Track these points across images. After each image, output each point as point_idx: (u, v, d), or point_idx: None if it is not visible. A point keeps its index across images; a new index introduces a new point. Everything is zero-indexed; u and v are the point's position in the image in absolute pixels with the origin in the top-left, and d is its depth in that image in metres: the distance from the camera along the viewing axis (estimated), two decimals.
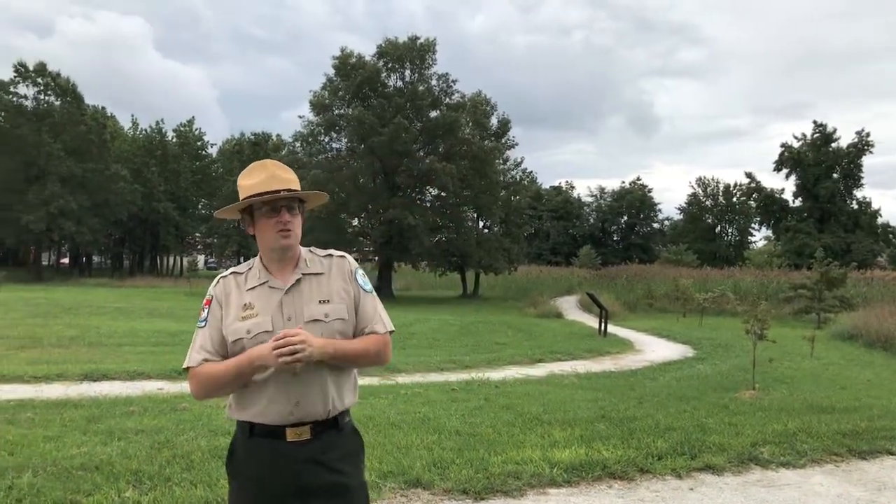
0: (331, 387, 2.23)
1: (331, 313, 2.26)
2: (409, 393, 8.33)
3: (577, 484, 5.14)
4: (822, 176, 55.06)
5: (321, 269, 2.32)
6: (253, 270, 2.31)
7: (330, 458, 2.22)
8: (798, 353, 13.80)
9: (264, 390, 2.18)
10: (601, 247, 66.27)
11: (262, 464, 2.17)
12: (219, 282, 2.33)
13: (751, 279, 35.65)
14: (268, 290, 2.25)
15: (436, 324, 19.02)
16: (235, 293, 2.27)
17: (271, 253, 2.28)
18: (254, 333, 2.18)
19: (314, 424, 2.20)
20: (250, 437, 2.20)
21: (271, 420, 2.18)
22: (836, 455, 6.18)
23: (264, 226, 2.25)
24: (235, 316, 2.22)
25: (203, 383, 2.20)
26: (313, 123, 39.29)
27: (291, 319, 2.21)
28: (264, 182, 2.24)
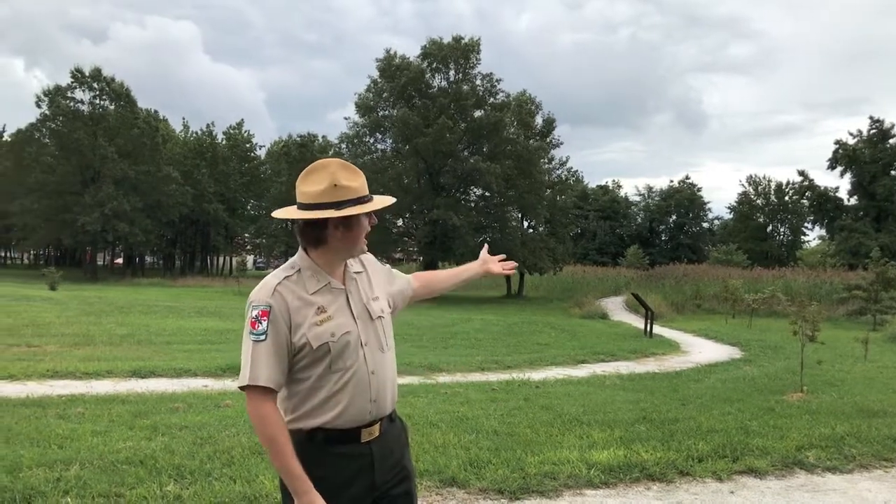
0: (393, 380, 2.30)
1: (385, 308, 2.34)
2: (449, 392, 8.35)
3: (615, 486, 5.10)
4: (879, 173, 53.35)
5: (360, 269, 2.34)
6: (306, 272, 2.19)
7: (394, 449, 2.27)
8: (851, 355, 13.42)
9: (343, 394, 2.14)
10: (649, 247, 65.41)
11: (339, 471, 2.13)
12: (275, 290, 2.13)
13: (803, 279, 34.79)
14: (331, 292, 2.19)
15: (478, 324, 19.01)
16: (300, 299, 2.14)
17: (343, 254, 2.23)
18: (338, 335, 2.13)
19: (382, 421, 2.23)
20: (323, 447, 2.12)
21: (350, 423, 2.14)
22: (885, 461, 6.00)
23: (362, 230, 2.22)
24: (311, 321, 2.12)
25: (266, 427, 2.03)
26: (358, 125, 39.71)
27: (360, 319, 2.21)
28: (363, 187, 2.19)
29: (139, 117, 50.60)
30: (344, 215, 2.13)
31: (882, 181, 52.98)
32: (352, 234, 2.18)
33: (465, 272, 2.80)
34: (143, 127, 49.84)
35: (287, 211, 2.22)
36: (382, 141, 40.94)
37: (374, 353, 2.21)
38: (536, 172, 38.39)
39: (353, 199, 2.14)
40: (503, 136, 37.61)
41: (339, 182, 2.14)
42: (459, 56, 38.55)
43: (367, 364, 2.18)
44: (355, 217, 2.16)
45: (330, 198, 2.12)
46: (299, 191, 2.18)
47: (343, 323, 2.16)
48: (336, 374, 2.13)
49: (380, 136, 40.66)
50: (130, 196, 47.01)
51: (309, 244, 2.20)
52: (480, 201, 39.93)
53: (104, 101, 49.59)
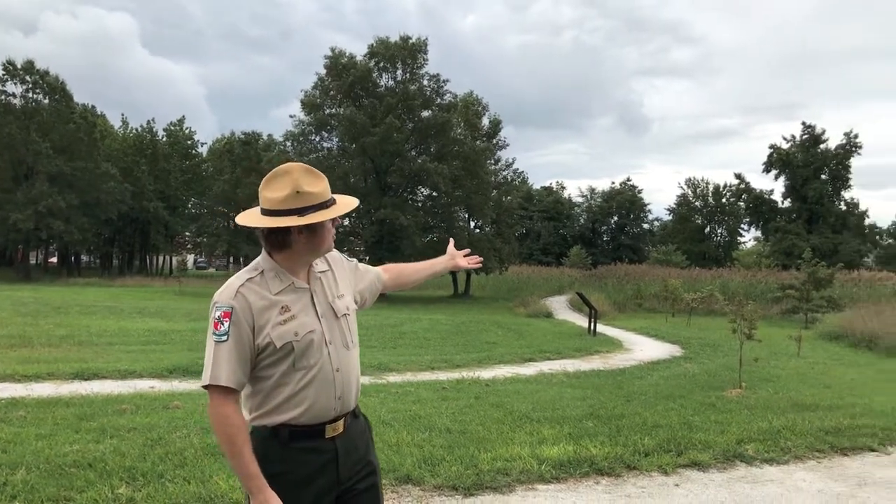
0: (357, 377, 2.33)
1: (349, 305, 2.37)
2: (400, 392, 8.40)
3: (566, 480, 5.23)
4: (811, 177, 55.44)
5: (325, 266, 2.36)
6: (268, 273, 2.20)
7: (358, 445, 2.31)
8: (785, 352, 13.95)
9: (308, 391, 2.17)
10: (591, 247, 66.50)
11: (304, 466, 2.16)
12: (238, 292, 2.15)
13: (739, 279, 35.91)
14: (296, 291, 2.22)
15: (427, 323, 19.08)
16: (264, 299, 2.16)
17: (308, 256, 2.24)
18: (301, 335, 2.16)
19: (346, 417, 2.26)
20: (288, 443, 2.16)
21: (315, 420, 2.18)
22: (818, 452, 6.30)
23: (326, 233, 2.23)
24: (275, 321, 2.14)
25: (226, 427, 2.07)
26: (304, 123, 39.30)
27: (325, 317, 2.24)
28: (325, 193, 2.20)
29: (75, 112, 49.02)
30: (307, 223, 2.14)
31: (813, 185, 55.05)
32: (316, 238, 2.20)
33: (435, 266, 2.86)
34: (79, 122, 48.28)
35: (250, 217, 2.22)
36: (329, 139, 40.64)
37: (338, 350, 2.24)
38: (483, 173, 38.66)
39: (316, 205, 2.16)
40: (450, 137, 37.76)
41: (302, 188, 2.15)
42: (407, 56, 38.54)
43: (332, 362, 2.21)
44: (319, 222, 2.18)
45: (293, 204, 2.14)
46: (262, 196, 2.18)
47: (307, 322, 2.18)
48: (300, 371, 2.15)
49: (326, 135, 40.33)
50: (66, 193, 45.46)
51: (273, 248, 2.21)
52: (428, 201, 40.00)
53: (38, 95, 47.84)
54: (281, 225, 2.15)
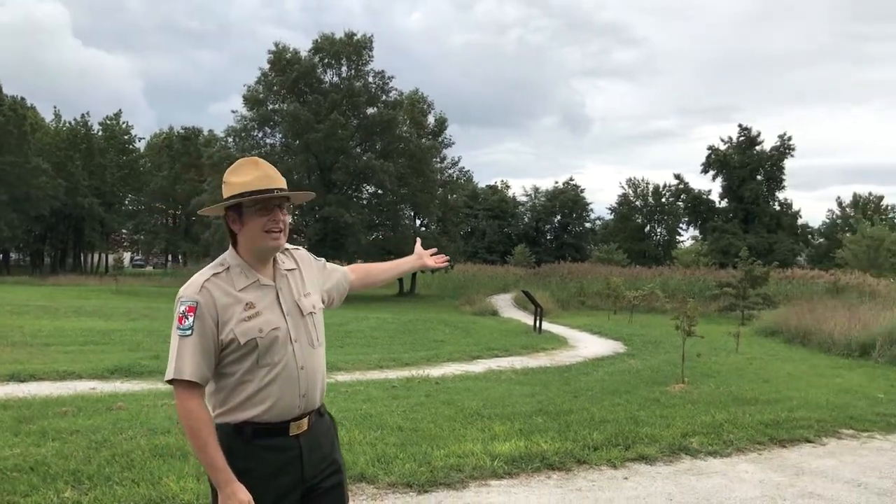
0: (323, 375, 2.35)
1: (316, 303, 2.38)
2: (350, 391, 8.36)
3: (518, 475, 5.30)
4: (747, 178, 57.17)
5: (293, 266, 2.38)
6: (234, 270, 2.23)
7: (322, 442, 2.32)
8: (724, 348, 14.34)
9: (272, 388, 2.17)
10: (535, 246, 67.20)
11: (267, 464, 2.18)
12: (203, 286, 2.17)
13: (679, 277, 36.76)
14: (261, 288, 2.24)
15: (373, 322, 19.00)
16: (228, 295, 2.19)
17: (258, 252, 2.25)
18: (266, 331, 2.18)
19: (310, 415, 2.28)
20: (252, 440, 2.17)
21: (279, 417, 2.18)
22: (759, 444, 6.52)
23: (254, 225, 2.21)
24: (239, 317, 2.16)
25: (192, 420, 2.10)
26: (246, 118, 38.69)
27: (290, 315, 2.26)
28: (259, 180, 2.21)
29: (3, 104, 47.21)
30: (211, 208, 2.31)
31: (749, 185, 56.80)
32: (245, 228, 2.22)
33: (402, 265, 2.88)
34: (8, 115, 46.53)
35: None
36: (272, 135, 40.13)
37: (304, 348, 2.25)
38: (429, 171, 38.71)
39: (238, 195, 2.20)
40: (396, 135, 37.70)
41: (227, 179, 2.25)
42: (352, 52, 38.31)
43: (297, 359, 2.22)
44: (247, 212, 2.20)
45: (224, 194, 2.24)
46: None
47: (272, 319, 2.20)
48: (264, 368, 2.17)
49: (269, 131, 39.81)
50: None
51: (231, 241, 2.29)
52: (373, 199, 39.84)
53: None
54: (205, 212, 2.39)
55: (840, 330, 15.54)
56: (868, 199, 64.49)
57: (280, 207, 2.25)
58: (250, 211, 2.21)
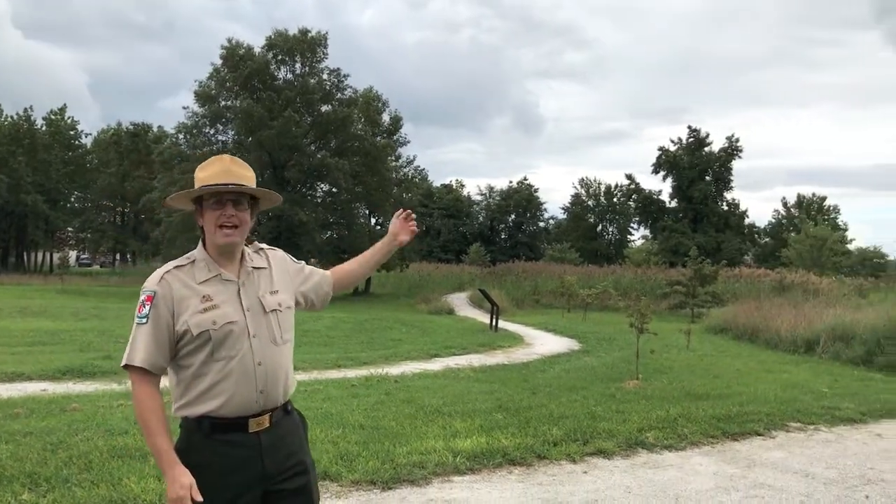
0: (286, 373, 2.33)
1: (283, 302, 2.37)
2: (309, 390, 8.33)
3: (480, 471, 5.36)
4: (696, 178, 58.47)
5: (263, 264, 2.40)
6: (199, 264, 2.29)
7: (287, 441, 2.31)
8: (675, 345, 14.66)
9: (227, 383, 2.19)
10: (490, 245, 67.58)
11: (226, 459, 2.18)
12: (162, 278, 2.24)
13: (631, 276, 37.36)
14: (222, 283, 2.27)
15: (328, 321, 18.89)
16: (187, 287, 2.23)
17: (216, 247, 2.29)
18: (220, 324, 2.20)
19: (272, 412, 2.27)
20: (210, 435, 2.18)
21: (234, 412, 2.19)
22: (712, 437, 6.71)
23: (209, 218, 2.27)
24: (195, 309, 2.20)
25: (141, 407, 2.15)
26: (198, 115, 37.99)
27: (250, 311, 2.26)
28: (216, 175, 2.26)
29: None
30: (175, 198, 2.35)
31: (698, 186, 58.09)
32: (204, 222, 2.28)
33: (379, 251, 2.79)
34: None
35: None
36: (224, 132, 39.44)
37: (264, 344, 2.26)
38: (384, 169, 38.58)
39: (198, 188, 2.27)
40: (350, 133, 37.45)
41: (195, 173, 2.33)
42: (306, 49, 37.93)
43: (254, 355, 2.22)
44: (206, 206, 2.27)
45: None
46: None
47: (228, 313, 2.22)
48: (219, 362, 2.19)
49: (221, 128, 39.15)
50: None
51: (201, 236, 2.34)
52: (328, 197, 39.53)
53: None
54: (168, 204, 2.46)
55: (786, 327, 16.02)
56: (812, 200, 66.41)
57: (235, 203, 2.26)
58: (207, 205, 2.26)
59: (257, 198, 2.39)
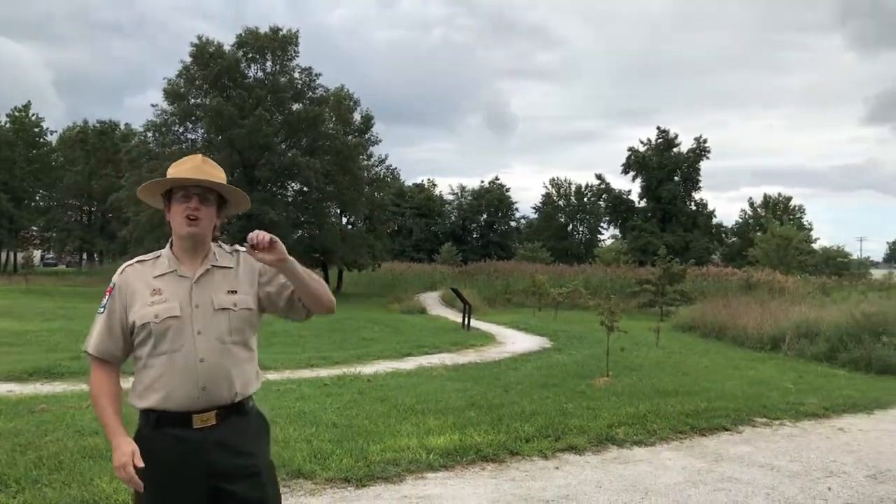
0: (235, 372, 2.29)
1: (239, 303, 2.34)
2: (282, 389, 8.31)
3: (453, 468, 5.41)
4: (665, 179, 59.14)
5: (230, 264, 2.40)
6: (161, 259, 2.36)
7: (237, 441, 2.28)
8: (645, 343, 14.84)
9: (168, 377, 2.22)
10: (462, 244, 67.69)
11: (170, 452, 2.22)
12: (124, 270, 2.37)
13: (601, 275, 37.70)
14: (177, 278, 2.31)
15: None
16: (142, 280, 2.31)
17: (181, 241, 2.34)
18: (161, 318, 2.24)
19: (219, 410, 2.26)
20: (156, 427, 2.24)
21: (177, 406, 2.22)
22: (680, 433, 6.83)
23: (175, 211, 2.32)
24: (144, 301, 2.27)
25: (92, 390, 2.31)
26: (167, 113, 37.52)
27: (199, 307, 2.28)
28: (187, 171, 2.32)
29: None
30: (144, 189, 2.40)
31: (667, 186, 58.77)
32: (171, 215, 2.34)
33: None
34: None
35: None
36: (193, 131, 39.01)
37: (209, 342, 2.26)
38: (356, 168, 38.42)
39: (168, 180, 2.34)
40: (322, 131, 37.25)
41: (168, 170, 2.38)
42: (277, 47, 37.64)
43: (197, 351, 2.24)
44: (174, 200, 2.33)
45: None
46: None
47: (172, 307, 2.26)
48: (162, 356, 2.24)
49: (190, 126, 38.71)
50: None
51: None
52: (298, 196, 39.29)
53: None
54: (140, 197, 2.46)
55: (753, 325, 16.32)
56: (778, 200, 67.47)
57: (201, 198, 2.32)
58: (176, 199, 2.32)
59: (226, 200, 2.43)
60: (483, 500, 4.75)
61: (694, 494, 5.03)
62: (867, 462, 6.09)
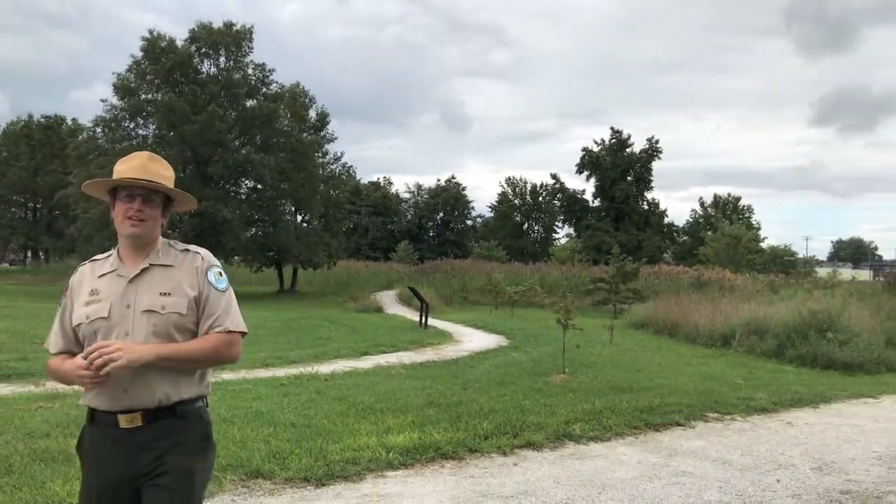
0: (160, 378, 2.24)
1: (168, 306, 2.27)
2: (238, 389, 8.22)
3: (413, 466, 5.43)
4: (618, 178, 60.04)
5: (172, 262, 2.35)
6: (110, 258, 2.38)
7: (163, 445, 2.23)
8: (599, 340, 15.05)
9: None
10: (418, 242, 67.63)
11: (99, 449, 2.27)
12: (77, 270, 2.42)
13: (556, 273, 38.06)
14: (115, 278, 2.31)
15: (255, 320, 18.60)
16: (88, 280, 2.35)
17: (124, 240, 2.34)
18: (91, 319, 2.27)
19: (145, 412, 2.23)
20: (92, 423, 2.31)
21: (104, 405, 2.25)
22: (635, 428, 6.97)
23: (118, 211, 2.31)
24: (81, 301, 2.31)
25: (50, 374, 2.42)
26: (117, 108, 36.68)
27: (130, 308, 2.26)
28: (132, 169, 2.30)
29: None
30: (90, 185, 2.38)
31: (620, 186, 59.68)
32: (114, 214, 2.33)
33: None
34: None
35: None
36: (144, 126, 38.22)
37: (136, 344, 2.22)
38: (311, 166, 38.10)
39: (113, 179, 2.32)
40: (276, 128, 36.84)
41: (115, 166, 2.37)
42: (231, 43, 37.11)
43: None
44: (118, 199, 2.31)
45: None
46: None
47: (102, 308, 2.27)
48: None
49: (141, 122, 37.92)
50: None
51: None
52: (252, 194, 38.80)
53: None
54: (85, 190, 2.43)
55: (704, 322, 16.67)
56: (727, 200, 68.96)
57: (145, 199, 2.29)
58: (119, 197, 2.30)
59: (172, 198, 2.42)
60: (443, 497, 4.78)
61: (649, 489, 5.13)
62: (813, 455, 6.29)
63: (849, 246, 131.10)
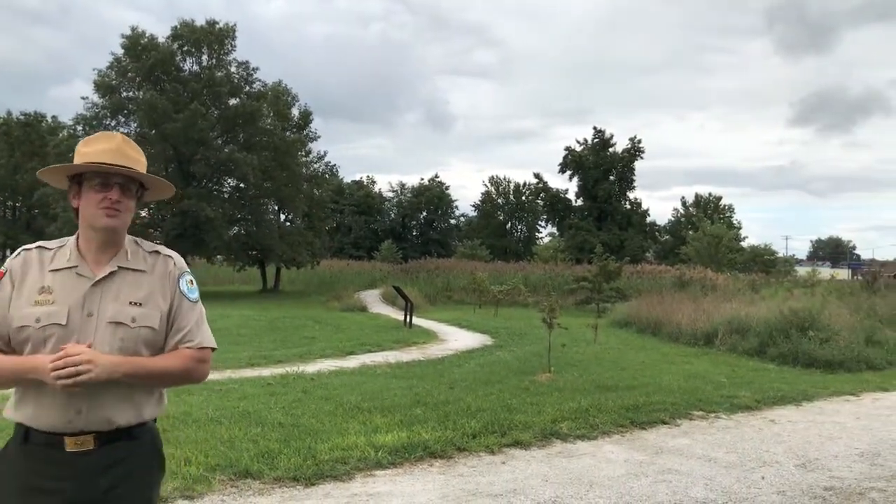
0: (121, 397, 2.00)
1: (139, 319, 2.03)
2: (224, 389, 8.18)
3: (402, 465, 5.44)
4: (601, 178, 60.31)
5: (143, 267, 2.10)
6: (64, 250, 2.06)
7: (115, 471, 1.99)
8: (583, 339, 15.12)
9: (43, 392, 1.94)
10: (402, 242, 67.55)
11: (34, 475, 1.95)
12: (20, 253, 2.06)
13: (539, 273, 38.23)
14: (74, 277, 2.01)
15: (238, 319, 18.56)
16: (36, 271, 2.02)
17: (91, 233, 2.04)
18: (43, 324, 1.95)
19: (99, 434, 1.97)
20: (25, 443, 1.97)
21: (47, 426, 1.95)
22: (621, 427, 7.02)
23: (89, 200, 2.02)
24: (28, 299, 1.98)
25: None
26: (98, 106, 36.40)
27: (92, 316, 1.98)
28: (106, 153, 2.03)
29: None
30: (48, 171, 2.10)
31: (603, 185, 59.96)
32: (82, 203, 2.05)
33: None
34: None
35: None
36: (126, 124, 37.91)
37: None
38: (294, 165, 37.98)
39: (87, 163, 2.03)
40: (259, 127, 36.70)
41: (78, 148, 2.10)
42: (213, 41, 36.92)
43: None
44: (86, 186, 2.03)
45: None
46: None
47: (58, 313, 1.97)
48: None
49: (123, 119, 37.62)
50: None
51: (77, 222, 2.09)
52: (235, 192, 38.62)
53: None
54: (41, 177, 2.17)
55: (686, 321, 16.78)
56: (709, 200, 69.50)
57: (123, 188, 2.04)
58: (90, 185, 2.02)
59: (145, 187, 2.15)
60: (432, 496, 4.79)
61: (636, 486, 5.18)
62: (797, 452, 6.37)
63: (827, 245, 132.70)
